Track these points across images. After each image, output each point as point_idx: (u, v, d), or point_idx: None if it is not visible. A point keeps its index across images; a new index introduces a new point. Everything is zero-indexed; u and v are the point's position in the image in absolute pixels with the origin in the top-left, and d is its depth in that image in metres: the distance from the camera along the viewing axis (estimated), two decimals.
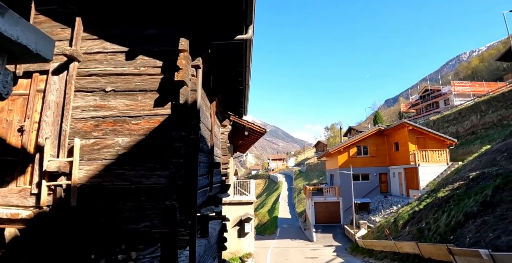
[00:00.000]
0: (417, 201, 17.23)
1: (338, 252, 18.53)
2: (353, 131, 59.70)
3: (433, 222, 12.22)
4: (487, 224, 9.03)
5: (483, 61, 77.70)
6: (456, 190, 13.00)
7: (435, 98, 44.62)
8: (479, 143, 22.56)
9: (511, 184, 9.73)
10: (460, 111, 29.96)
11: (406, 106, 54.67)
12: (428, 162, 21.49)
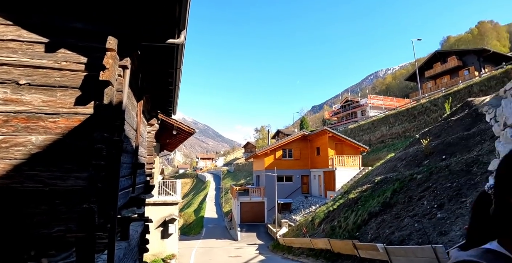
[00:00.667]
0: (332, 201, 18.91)
1: (261, 250, 19.31)
2: (281, 134, 62.50)
3: (343, 221, 13.60)
4: (385, 222, 10.44)
5: (396, 78, 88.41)
6: (364, 192, 14.68)
7: (354, 108, 49.32)
8: (386, 151, 25.72)
9: (406, 187, 11.41)
10: (373, 122, 33.72)
11: (329, 114, 59.22)
12: (344, 166, 23.75)
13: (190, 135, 13.24)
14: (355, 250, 10.46)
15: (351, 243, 10.58)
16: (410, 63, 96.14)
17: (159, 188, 14.60)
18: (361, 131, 34.93)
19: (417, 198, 10.10)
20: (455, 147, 12.03)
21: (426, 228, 8.03)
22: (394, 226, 9.64)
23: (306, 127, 56.71)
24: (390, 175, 14.33)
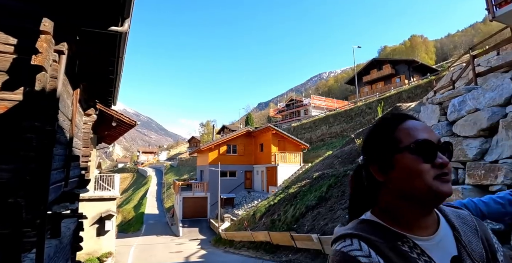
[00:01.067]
0: (273, 196, 19.58)
1: (203, 245, 19.28)
2: (226, 130, 62.56)
3: (283, 214, 14.21)
4: (320, 214, 11.17)
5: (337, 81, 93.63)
6: (303, 187, 15.48)
7: (298, 107, 51.29)
8: (325, 149, 27.30)
9: (340, 183, 12.32)
10: (314, 121, 35.48)
11: (274, 111, 60.77)
12: (286, 162, 24.69)
13: (131, 127, 12.68)
14: (293, 241, 11.04)
15: (289, 235, 11.13)
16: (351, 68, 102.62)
17: (95, 183, 13.74)
18: (303, 130, 36.52)
19: (349, 192, 10.97)
20: None
21: None
22: (328, 218, 10.38)
23: (252, 123, 57.53)
24: (327, 171, 15.31)
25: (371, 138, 0.78)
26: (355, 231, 0.70)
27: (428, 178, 0.67)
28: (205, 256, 15.15)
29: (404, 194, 0.70)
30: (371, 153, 0.76)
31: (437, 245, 0.70)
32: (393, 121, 0.75)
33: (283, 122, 52.15)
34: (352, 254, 0.65)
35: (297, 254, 10.46)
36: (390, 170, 0.71)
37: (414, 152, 0.69)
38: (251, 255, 13.58)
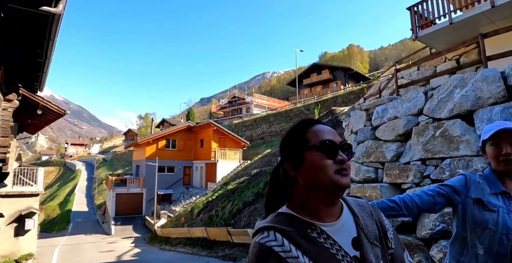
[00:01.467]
0: (212, 192, 19.63)
1: (137, 243, 18.52)
2: (166, 124, 60.61)
3: (220, 210, 14.38)
4: (257, 210, 11.58)
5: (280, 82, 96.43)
6: (241, 183, 15.82)
7: (240, 104, 51.81)
8: (265, 147, 28.13)
9: None
10: (255, 119, 36.27)
11: (217, 107, 60.52)
12: (225, 159, 24.88)
13: (60, 116, 11.67)
14: (229, 236, 11.27)
15: (225, 230, 11.34)
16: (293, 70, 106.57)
17: (14, 177, 12.33)
18: (244, 127, 37.09)
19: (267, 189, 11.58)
20: None
21: None
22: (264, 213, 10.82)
23: (193, 118, 56.58)
24: (265, 168, 15.87)
25: (286, 139, 0.88)
26: (271, 224, 0.78)
27: (330, 172, 0.79)
28: (139, 255, 14.62)
29: (312, 186, 0.81)
30: (286, 152, 0.86)
31: (340, 229, 0.82)
32: (305, 125, 0.87)
33: (225, 118, 52.25)
34: (268, 244, 0.74)
35: (233, 249, 10.72)
36: (301, 166, 0.82)
37: (319, 150, 0.81)
38: (188, 251, 13.51)
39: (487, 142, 1.47)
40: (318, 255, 0.75)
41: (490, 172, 1.48)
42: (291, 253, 0.73)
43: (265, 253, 0.73)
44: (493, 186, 1.43)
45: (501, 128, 1.38)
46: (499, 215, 1.37)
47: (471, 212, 1.43)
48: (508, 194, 1.40)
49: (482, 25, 9.10)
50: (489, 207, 1.38)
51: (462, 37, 9.75)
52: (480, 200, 1.41)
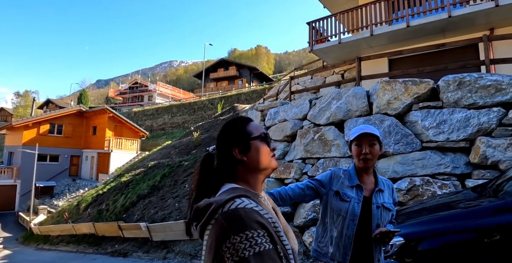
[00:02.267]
0: (103, 184, 18.19)
1: (6, 244, 15.74)
2: (52, 105, 53.05)
3: (112, 204, 13.53)
4: (152, 203, 11.35)
5: (187, 72, 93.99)
6: (137, 175, 15.18)
7: (142, 92, 48.81)
8: (165, 138, 27.32)
9: (174, 172, 12.84)
10: (157, 109, 34.82)
11: (115, 92, 55.62)
12: (121, 149, 23.29)
13: None
14: (120, 231, 10.76)
15: (116, 225, 10.78)
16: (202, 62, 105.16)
17: None
18: (144, 116, 35.21)
19: (181, 182, 11.64)
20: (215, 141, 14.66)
21: (184, 206, 9.52)
22: (159, 207, 10.70)
23: (86, 102, 50.87)
24: (163, 160, 15.55)
25: (232, 130, 1.04)
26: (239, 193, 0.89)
27: (269, 157, 1.03)
28: (9, 257, 12.57)
29: (256, 167, 1.00)
30: (232, 140, 1.01)
31: (266, 199, 1.04)
32: (245, 120, 1.08)
33: (124, 105, 48.53)
34: (249, 207, 0.83)
35: (124, 244, 10.29)
36: (248, 152, 1.00)
37: (263, 140, 1.03)
38: (72, 250, 12.30)
39: (353, 142, 1.73)
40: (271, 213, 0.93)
41: (353, 168, 1.75)
42: (263, 210, 0.87)
43: (250, 212, 0.81)
44: (351, 180, 1.69)
45: (362, 132, 1.66)
46: (350, 204, 1.63)
47: (331, 201, 1.69)
48: (361, 187, 1.68)
49: (364, 48, 10.86)
50: (344, 198, 1.65)
51: (348, 55, 11.44)
52: (338, 192, 1.67)
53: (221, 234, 0.78)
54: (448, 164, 4.24)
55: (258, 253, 0.75)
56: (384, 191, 1.71)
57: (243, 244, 0.75)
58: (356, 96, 5.38)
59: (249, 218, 0.79)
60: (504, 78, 4.31)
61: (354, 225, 1.62)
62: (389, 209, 1.68)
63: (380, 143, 1.69)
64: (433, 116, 4.54)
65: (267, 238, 0.79)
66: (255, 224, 0.79)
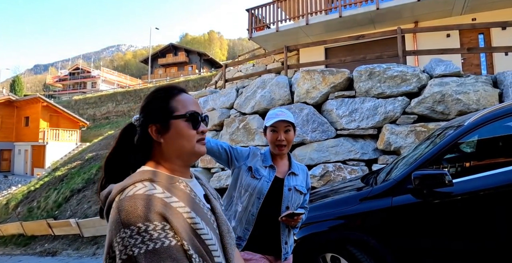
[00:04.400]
0: (37, 180, 16.83)
1: None
2: None
3: (43, 200, 12.58)
4: (86, 197, 10.74)
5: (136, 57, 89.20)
6: (73, 169, 14.23)
7: (84, 78, 45.43)
8: (109, 128, 25.86)
9: None
10: (100, 97, 32.71)
11: (54, 78, 51.20)
12: (58, 141, 21.59)
13: None
14: (50, 229, 10.08)
15: (45, 223, 10.08)
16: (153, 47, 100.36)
17: None
18: (86, 104, 32.88)
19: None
20: None
21: None
22: (93, 201, 10.16)
23: (20, 90, 46.18)
24: (101, 152, 14.73)
25: (152, 103, 0.86)
26: (143, 177, 0.76)
27: (194, 141, 0.85)
28: None
29: (176, 151, 0.84)
30: (150, 116, 0.84)
31: (195, 185, 0.89)
32: (171, 91, 0.87)
33: (65, 92, 44.91)
34: (149, 193, 0.70)
35: (54, 242, 9.66)
36: (166, 132, 0.82)
37: (187, 120, 0.84)
38: None
39: (268, 128, 1.70)
40: (189, 201, 0.78)
41: (268, 151, 1.73)
42: (173, 199, 0.73)
43: (148, 200, 0.68)
44: (265, 160, 1.69)
45: (278, 119, 1.63)
46: (260, 182, 1.61)
47: (242, 176, 1.66)
48: (274, 168, 1.67)
49: (302, 37, 11.01)
50: (255, 175, 1.63)
51: (287, 43, 11.52)
52: (251, 168, 1.65)
53: (113, 226, 0.65)
54: (358, 150, 4.47)
55: (152, 250, 0.63)
56: (298, 175, 1.71)
57: (133, 239, 0.62)
58: (279, 85, 5.42)
59: (145, 207, 0.66)
60: (408, 69, 4.58)
61: (259, 203, 1.60)
62: (301, 192, 1.68)
63: (294, 129, 1.69)
64: (346, 105, 4.73)
65: (168, 233, 0.66)
66: (151, 215, 0.65)
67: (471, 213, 1.98)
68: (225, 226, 0.88)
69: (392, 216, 2.08)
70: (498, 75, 4.43)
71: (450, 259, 2.03)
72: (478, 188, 1.93)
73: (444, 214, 2.02)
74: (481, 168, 2.21)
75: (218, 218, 0.87)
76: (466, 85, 4.23)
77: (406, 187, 2.05)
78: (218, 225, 0.85)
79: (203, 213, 0.80)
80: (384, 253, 2.06)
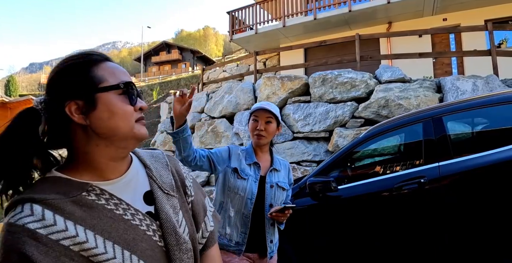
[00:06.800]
0: None
1: None
2: None
3: None
4: None
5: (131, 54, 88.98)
6: None
7: None
8: None
9: None
10: None
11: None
12: None
13: None
14: None
15: None
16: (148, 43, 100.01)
17: None
18: None
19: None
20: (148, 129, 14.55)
21: None
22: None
23: (15, 89, 46.34)
24: None
25: (66, 73, 0.64)
26: (26, 195, 0.58)
27: (132, 120, 0.66)
28: None
29: (106, 137, 0.64)
30: (66, 91, 0.62)
31: (127, 185, 0.68)
32: (92, 57, 0.66)
33: None
34: (20, 223, 0.54)
35: None
36: (92, 110, 0.62)
37: (122, 93, 0.65)
38: None
39: (251, 116, 1.67)
40: (99, 220, 0.60)
41: (250, 146, 1.69)
42: (56, 227, 0.55)
43: (14, 235, 0.53)
44: (248, 157, 1.63)
45: (260, 107, 1.60)
46: (248, 182, 1.55)
47: (228, 179, 1.58)
48: (258, 165, 1.63)
49: (281, 38, 11.32)
50: (241, 176, 1.56)
51: (268, 44, 11.85)
52: (236, 169, 1.58)
53: None
54: (311, 152, 4.84)
55: None
56: (280, 171, 1.68)
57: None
58: (243, 91, 5.76)
59: (8, 245, 0.52)
60: (358, 76, 4.93)
61: (251, 204, 1.55)
62: (283, 188, 1.66)
63: (278, 122, 1.65)
64: (302, 110, 5.09)
65: None
66: (13, 255, 0.52)
67: (350, 215, 2.34)
68: (172, 236, 0.69)
69: (296, 217, 2.44)
70: (441, 80, 4.79)
71: (342, 256, 2.37)
72: (350, 195, 2.30)
73: (333, 215, 2.39)
74: (362, 177, 2.56)
75: (163, 225, 0.69)
76: (408, 91, 4.58)
77: (306, 192, 2.41)
78: (163, 235, 0.68)
79: (126, 230, 0.63)
80: (290, 253, 2.39)
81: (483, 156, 1.99)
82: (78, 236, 0.56)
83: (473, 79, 4.45)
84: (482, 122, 2.47)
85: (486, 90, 4.37)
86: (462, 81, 4.48)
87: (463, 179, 2.01)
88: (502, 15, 8.92)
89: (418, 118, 2.35)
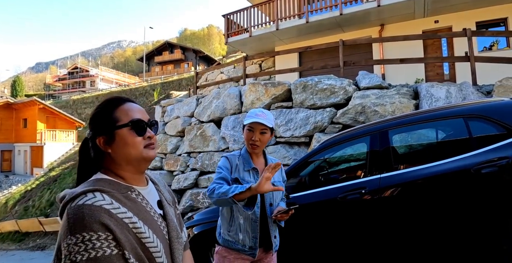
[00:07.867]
0: (34, 180, 17.62)
1: None
2: None
3: (38, 199, 13.34)
4: None
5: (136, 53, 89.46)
6: (66, 169, 14.95)
7: (83, 77, 45.99)
8: None
9: None
10: (98, 96, 33.33)
11: (54, 78, 51.90)
12: (55, 141, 22.33)
13: None
14: (41, 226, 10.82)
15: (37, 221, 10.82)
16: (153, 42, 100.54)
17: None
18: (84, 104, 33.57)
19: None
20: None
21: None
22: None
23: (21, 90, 47.08)
24: None
25: (96, 116, 0.91)
26: (94, 187, 0.80)
27: (140, 147, 0.89)
28: None
29: (124, 159, 0.88)
30: (96, 129, 0.89)
31: (149, 193, 0.95)
32: (114, 102, 0.92)
33: (64, 92, 45.59)
34: (97, 204, 0.74)
35: (45, 238, 10.42)
36: (112, 143, 0.87)
37: (130, 129, 0.88)
38: None
39: (246, 126, 1.73)
40: (139, 211, 0.84)
41: (245, 151, 1.76)
42: (120, 209, 0.78)
43: (95, 211, 0.72)
44: (246, 163, 1.71)
45: (255, 120, 1.66)
46: None
47: None
48: (256, 170, 1.71)
49: (276, 41, 11.48)
50: (243, 184, 1.61)
51: (263, 47, 12.03)
52: (237, 179, 1.65)
53: (62, 231, 0.72)
54: (291, 156, 5.03)
55: (93, 258, 0.68)
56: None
57: (77, 247, 0.68)
58: (230, 96, 5.96)
59: (91, 217, 0.71)
60: (337, 82, 5.11)
61: (258, 208, 1.64)
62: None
63: (272, 131, 1.74)
64: (284, 115, 5.27)
65: (110, 242, 0.72)
66: (96, 225, 0.71)
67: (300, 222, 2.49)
68: (175, 232, 0.94)
69: None
70: (418, 87, 4.94)
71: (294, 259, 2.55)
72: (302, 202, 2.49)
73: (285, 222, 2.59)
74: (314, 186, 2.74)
75: (169, 224, 0.93)
76: (384, 98, 4.74)
77: None
78: (168, 231, 0.92)
79: (152, 221, 0.87)
80: None
81: (420, 169, 2.18)
82: (132, 218, 0.80)
83: (447, 86, 4.60)
84: (425, 136, 2.65)
85: (460, 97, 4.51)
86: (436, 88, 4.62)
87: (400, 190, 2.20)
88: (493, 17, 9.01)
89: (368, 131, 2.53)
